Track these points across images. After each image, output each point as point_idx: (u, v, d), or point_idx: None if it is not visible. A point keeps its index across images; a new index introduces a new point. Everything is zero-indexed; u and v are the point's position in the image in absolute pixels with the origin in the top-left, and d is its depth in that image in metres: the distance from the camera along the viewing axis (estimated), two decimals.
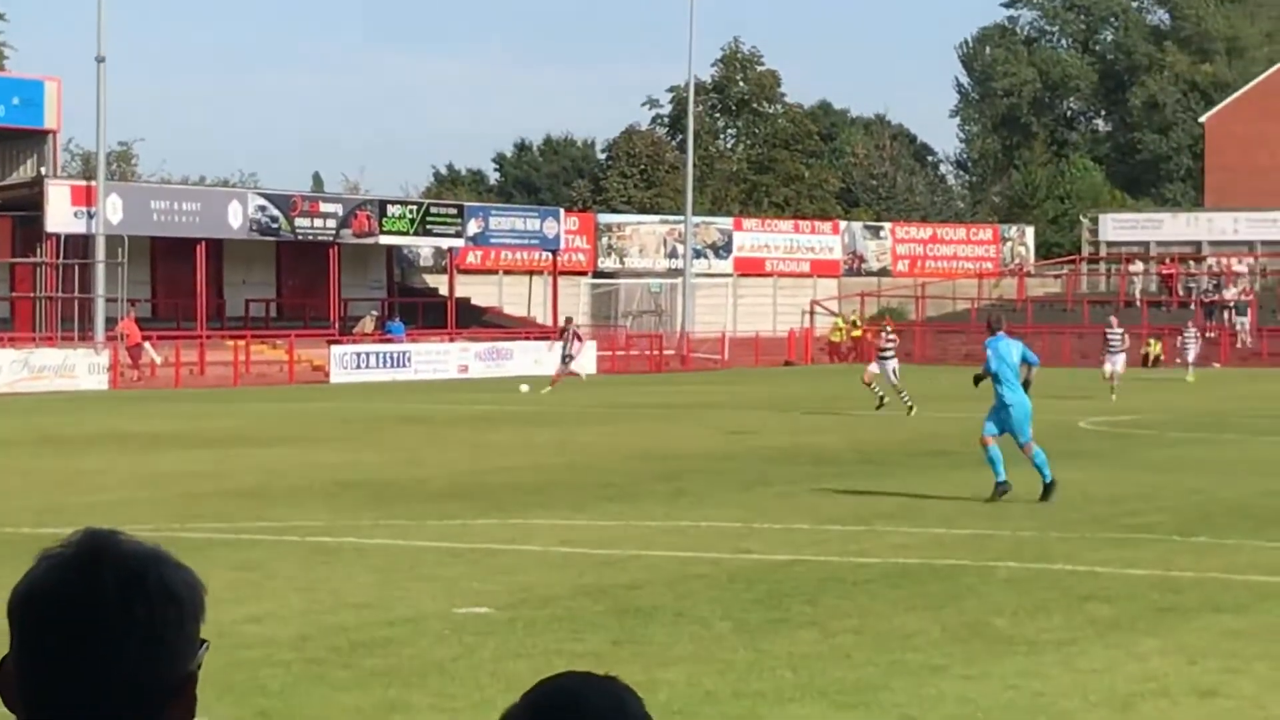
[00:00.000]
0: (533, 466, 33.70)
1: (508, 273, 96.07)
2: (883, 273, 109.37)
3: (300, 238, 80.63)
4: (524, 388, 61.70)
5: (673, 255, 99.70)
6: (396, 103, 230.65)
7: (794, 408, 52.81)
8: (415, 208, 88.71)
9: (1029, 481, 27.41)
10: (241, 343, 73.62)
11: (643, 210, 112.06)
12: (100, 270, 72.02)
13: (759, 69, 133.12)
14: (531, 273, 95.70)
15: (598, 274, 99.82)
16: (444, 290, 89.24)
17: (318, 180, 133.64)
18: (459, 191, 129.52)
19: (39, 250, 73.07)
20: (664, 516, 25.61)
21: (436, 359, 78.28)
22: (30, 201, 72.74)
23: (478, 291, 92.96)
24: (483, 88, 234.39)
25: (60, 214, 72.35)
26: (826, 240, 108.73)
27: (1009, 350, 28.28)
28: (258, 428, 44.90)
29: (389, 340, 79.70)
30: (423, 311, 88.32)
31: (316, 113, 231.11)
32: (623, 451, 36.99)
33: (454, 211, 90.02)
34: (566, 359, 63.68)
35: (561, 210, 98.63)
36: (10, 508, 25.86)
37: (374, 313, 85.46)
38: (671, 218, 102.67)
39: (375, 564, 21.17)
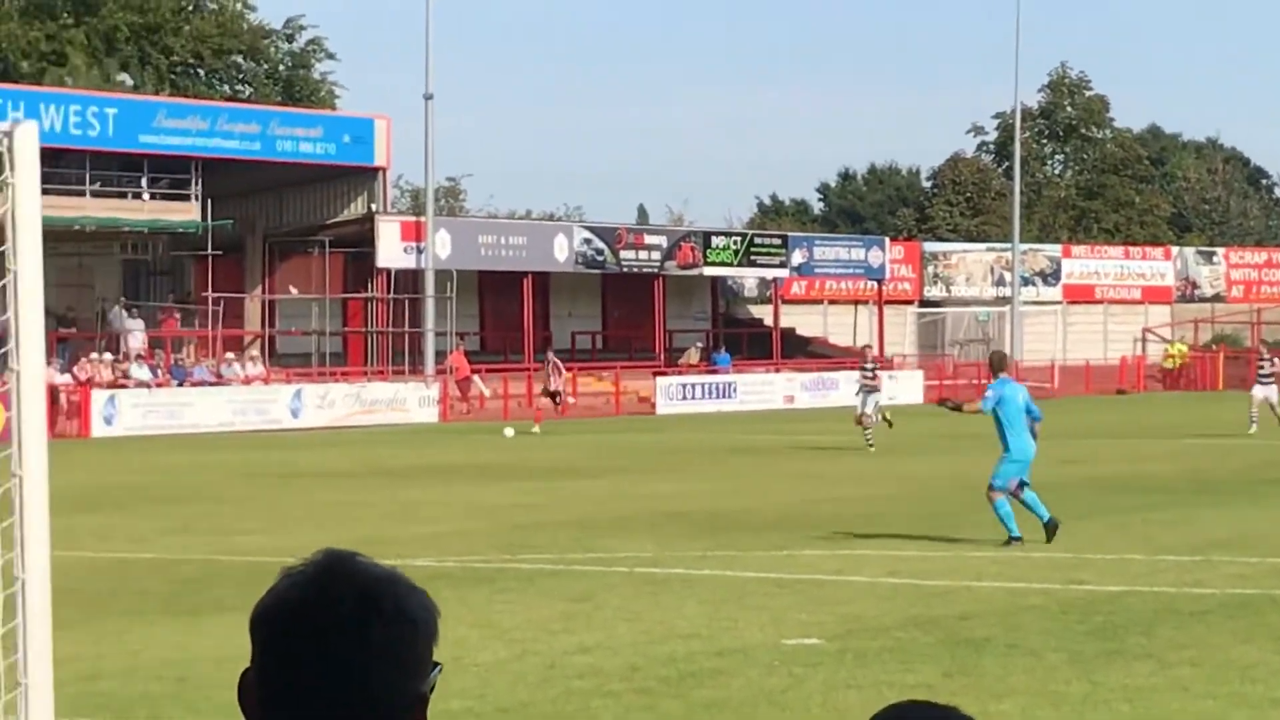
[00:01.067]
0: (861, 497, 33.54)
1: (833, 302, 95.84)
2: (1216, 299, 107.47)
3: (625, 270, 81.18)
4: (508, 432, 57.31)
5: (1000, 283, 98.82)
6: (719, 134, 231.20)
7: (1127, 434, 52.11)
8: (739, 238, 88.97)
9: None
10: (569, 375, 74.19)
11: (969, 238, 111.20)
12: (430, 305, 73.02)
13: (1087, 94, 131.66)
14: (857, 302, 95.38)
15: (924, 302, 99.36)
16: (769, 320, 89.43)
17: (642, 212, 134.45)
18: (783, 221, 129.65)
19: (370, 285, 74.30)
20: (993, 547, 25.37)
21: (762, 389, 78.38)
22: (361, 238, 73.93)
23: (803, 321, 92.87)
24: (806, 117, 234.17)
25: (390, 249, 73.49)
26: (1158, 266, 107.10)
27: (1014, 394, 26.36)
28: (585, 459, 45.24)
29: (715, 371, 79.97)
30: (747, 342, 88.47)
31: (640, 146, 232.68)
32: (952, 481, 36.68)
33: (778, 242, 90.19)
34: (552, 395, 62.28)
35: (887, 239, 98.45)
36: (340, 538, 26.25)
37: (699, 344, 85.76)
38: (999, 245, 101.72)
39: (703, 595, 21.18)
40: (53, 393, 52.92)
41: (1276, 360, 55.15)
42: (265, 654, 2.86)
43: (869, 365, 51.15)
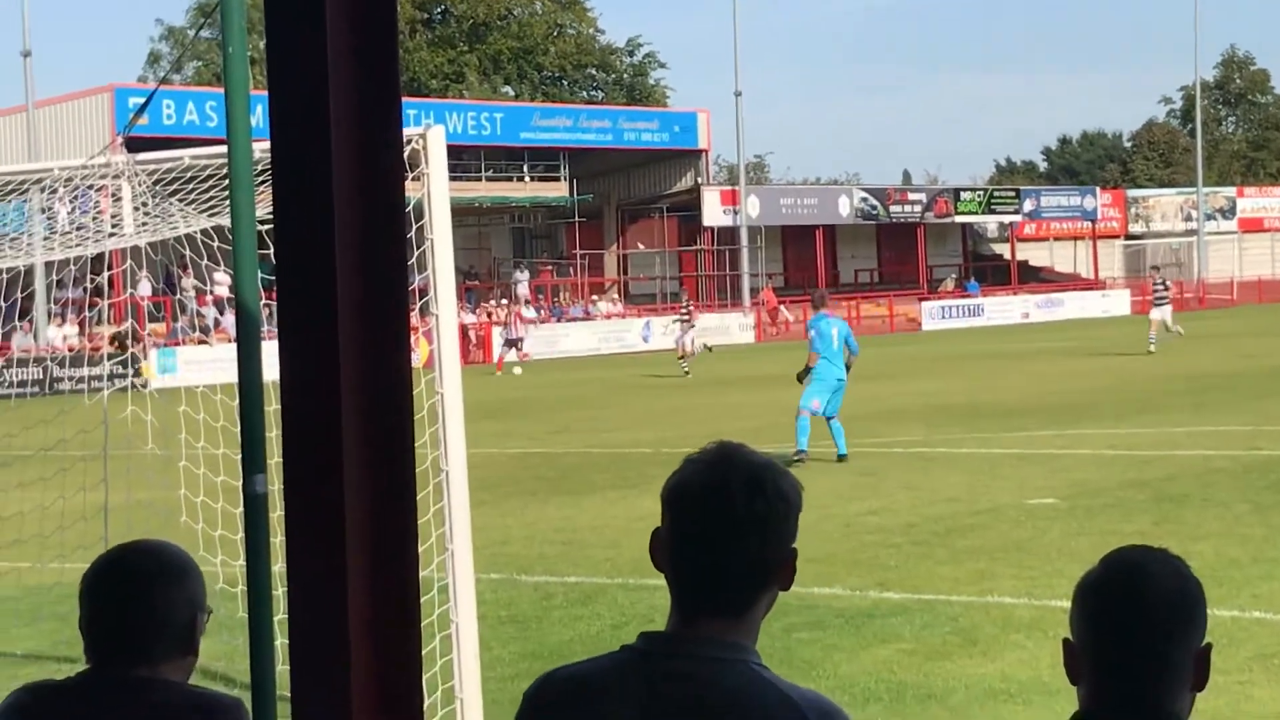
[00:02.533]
0: (1081, 389, 32.95)
1: (1056, 239, 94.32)
2: None
3: (894, 220, 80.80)
4: (517, 370, 50.68)
5: (1188, 219, 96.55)
6: (964, 110, 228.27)
7: None
8: (983, 193, 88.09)
9: None
10: (852, 303, 74.02)
11: (1162, 185, 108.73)
12: (745, 253, 73.19)
13: (1252, 68, 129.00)
14: (1075, 238, 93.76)
15: (1128, 237, 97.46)
16: (1007, 255, 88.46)
17: (905, 175, 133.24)
18: (1015, 178, 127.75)
19: (698, 240, 74.63)
20: (1189, 423, 24.81)
21: (1004, 309, 77.28)
22: (691, 204, 74.33)
23: (1033, 255, 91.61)
24: (1031, 95, 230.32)
25: (713, 212, 73.77)
26: None
27: (828, 328, 23.11)
28: (867, 367, 44.89)
29: (966, 296, 79.13)
30: (991, 273, 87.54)
31: (903, 122, 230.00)
32: (1154, 374, 35.94)
33: (1013, 194, 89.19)
34: (512, 343, 52.83)
35: (1097, 189, 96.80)
36: (683, 432, 26.39)
37: (953, 276, 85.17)
38: (1186, 189, 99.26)
39: (963, 468, 21.00)
40: (463, 330, 53.77)
41: None
42: (674, 521, 2.91)
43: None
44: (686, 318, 48.94)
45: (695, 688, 2.84)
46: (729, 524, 2.84)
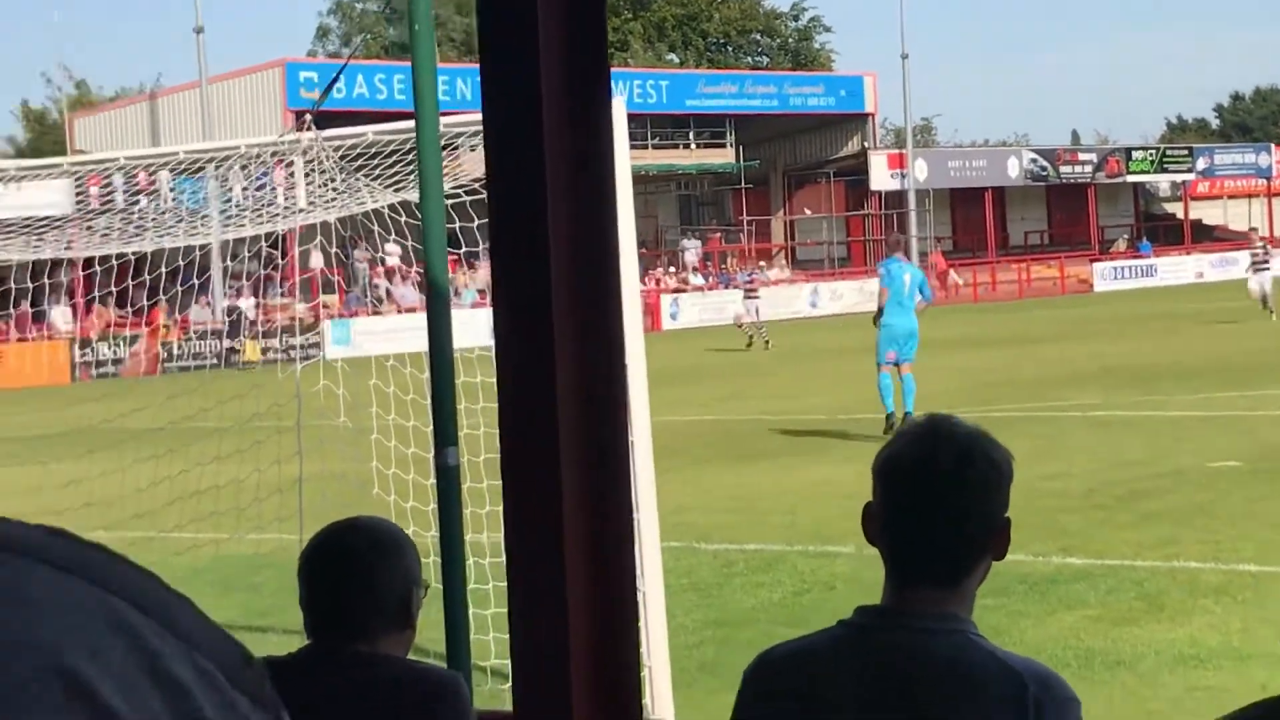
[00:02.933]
0: (1261, 349, 32.32)
1: (1230, 197, 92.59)
2: None
3: (1064, 181, 79.88)
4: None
5: None
6: (1133, 68, 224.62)
7: None
8: (1154, 152, 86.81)
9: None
10: (1022, 265, 73.33)
11: None
12: (913, 217, 72.68)
13: None
14: (1250, 196, 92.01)
15: None
16: (1179, 214, 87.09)
17: (1074, 136, 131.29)
18: (1187, 136, 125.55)
19: (865, 204, 74.29)
20: None
21: (1177, 269, 76.06)
22: (857, 168, 73.97)
23: (1207, 214, 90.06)
24: (1202, 51, 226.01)
25: (880, 176, 73.37)
26: None
27: (900, 273, 22.52)
28: (1039, 330, 44.49)
29: (1139, 256, 77.99)
30: (1163, 232, 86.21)
31: (1071, 81, 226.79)
32: None
33: (1185, 152, 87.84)
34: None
35: (1271, 145, 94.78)
36: (857, 400, 26.24)
37: (1125, 236, 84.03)
38: None
39: (1142, 430, 20.71)
40: None
41: None
42: (886, 494, 2.92)
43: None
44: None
45: (913, 659, 2.85)
46: (940, 494, 2.87)
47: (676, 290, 63.35)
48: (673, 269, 67.03)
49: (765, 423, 24.42)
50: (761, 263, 70.50)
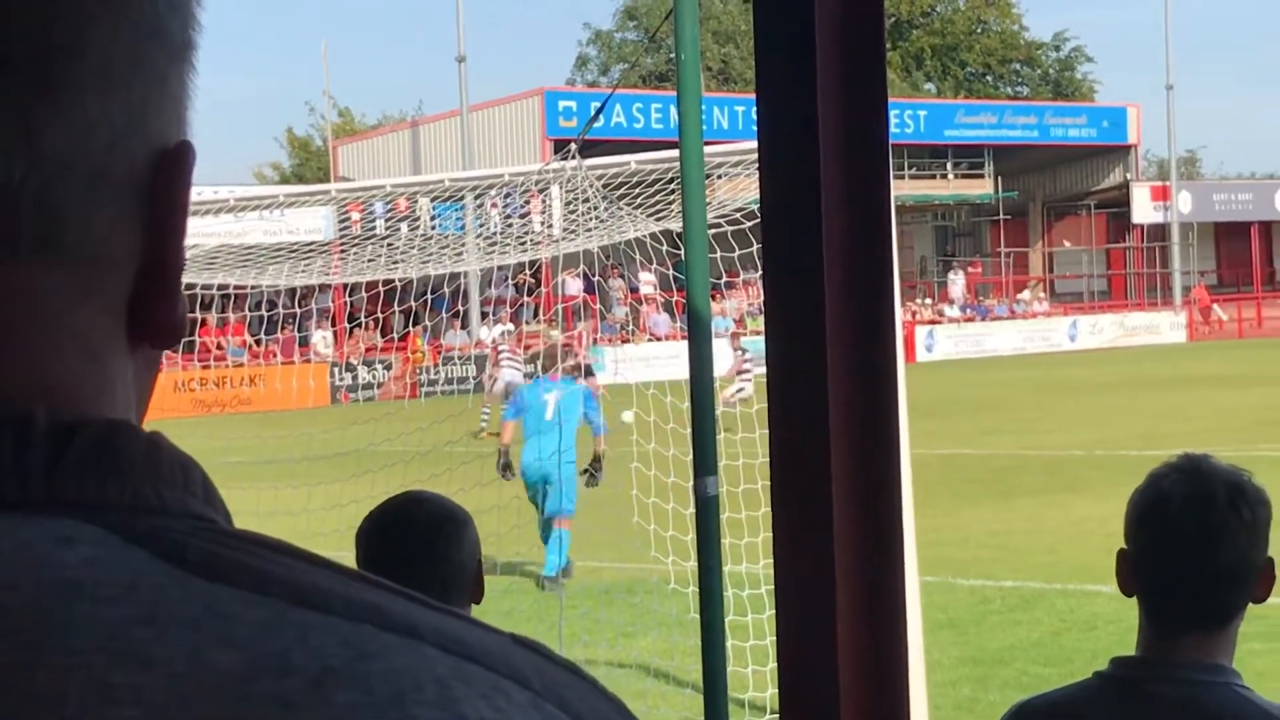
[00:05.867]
0: None
1: None
2: None
3: None
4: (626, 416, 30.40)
5: None
6: None
7: None
8: None
9: None
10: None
11: None
12: (1176, 250, 71.37)
13: None
14: None
15: None
16: None
17: None
18: None
19: (1126, 237, 73.15)
20: None
21: None
22: (1119, 200, 72.86)
23: None
24: None
25: (1142, 208, 72.15)
26: None
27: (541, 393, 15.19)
28: None
29: None
30: None
31: None
32: None
33: None
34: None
35: None
36: (1117, 434, 25.83)
37: None
38: None
39: None
40: None
41: None
42: (1152, 534, 2.84)
43: None
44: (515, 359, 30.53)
45: (1182, 713, 2.77)
46: (1212, 535, 2.79)
47: (932, 321, 62.92)
48: (928, 300, 66.58)
49: (1023, 457, 24.10)
50: (1020, 294, 69.70)
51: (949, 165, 70.14)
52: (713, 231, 8.55)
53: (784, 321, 2.40)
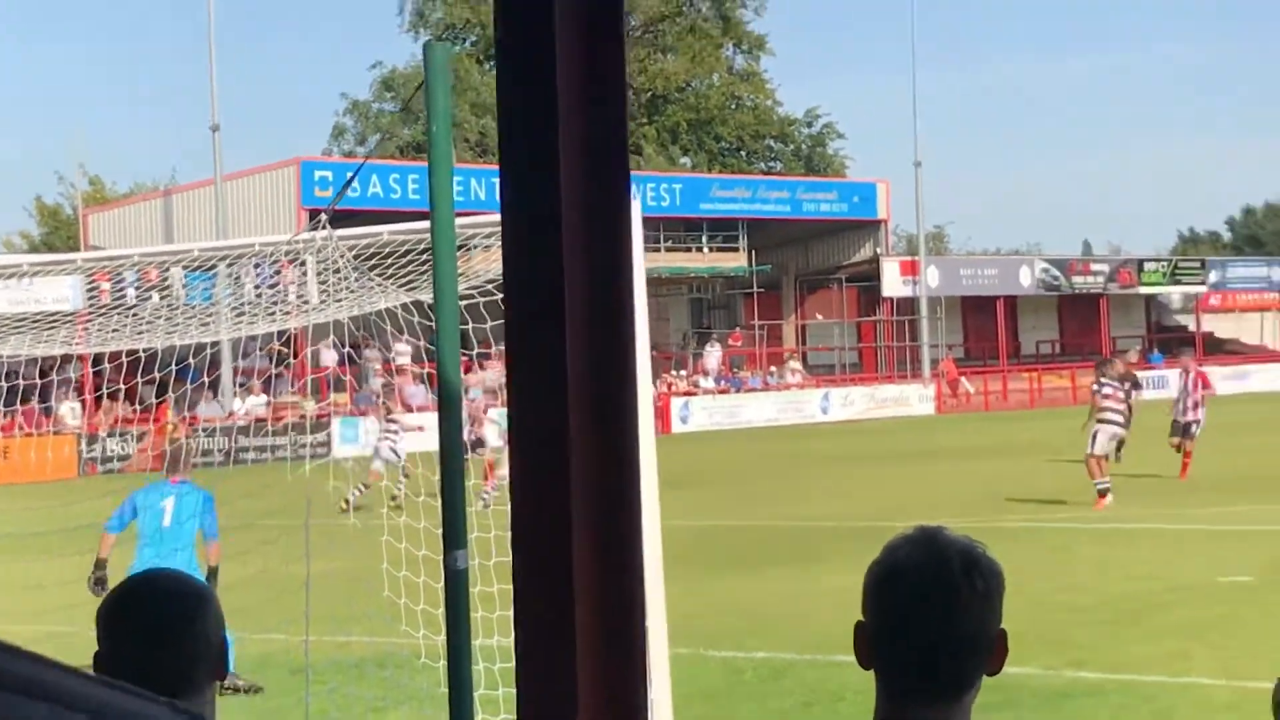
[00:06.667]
0: (1274, 464, 32.19)
1: (1242, 310, 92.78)
2: None
3: (1077, 291, 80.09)
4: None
5: None
6: (1145, 180, 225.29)
7: None
8: (1167, 263, 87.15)
9: None
10: (1034, 374, 73.41)
11: None
12: (924, 324, 72.77)
13: None
14: (1262, 309, 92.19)
15: None
16: (1192, 327, 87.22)
17: (1086, 246, 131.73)
18: (1200, 248, 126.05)
19: (877, 310, 74.41)
20: None
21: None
22: (870, 274, 74.13)
23: (1219, 327, 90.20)
24: (1213, 165, 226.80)
25: (892, 282, 73.49)
26: None
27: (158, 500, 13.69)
28: (1052, 439, 44.37)
29: (1150, 367, 78.07)
30: (1175, 345, 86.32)
31: (1083, 191, 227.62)
32: None
33: (1198, 265, 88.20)
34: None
35: None
36: (868, 507, 26.24)
37: (1137, 347, 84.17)
38: None
39: (1153, 543, 20.63)
40: None
41: None
42: (888, 604, 2.84)
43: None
44: (392, 427, 31.24)
45: None
46: (947, 603, 2.80)
47: (687, 393, 63.38)
48: (684, 372, 67.08)
49: (775, 528, 24.35)
50: (773, 367, 70.57)
51: (704, 238, 70.87)
52: (467, 303, 8.52)
53: (526, 394, 2.39)
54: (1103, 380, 26.94)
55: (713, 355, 68.25)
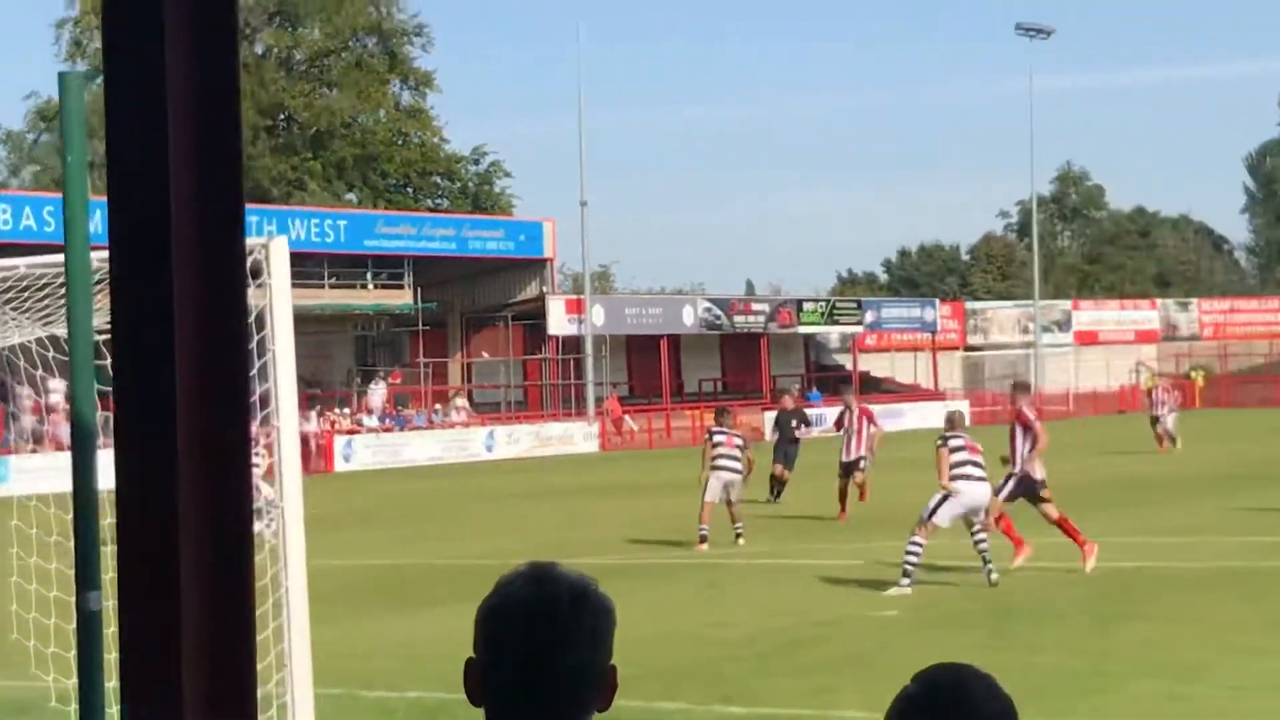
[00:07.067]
0: (920, 502, 33.00)
1: (897, 350, 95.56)
2: (1193, 338, 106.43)
3: (738, 330, 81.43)
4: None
5: (1025, 331, 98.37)
6: (806, 224, 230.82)
7: (1124, 444, 51.46)
8: (825, 303, 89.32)
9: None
10: (697, 412, 74.42)
11: (1000, 298, 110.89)
12: (589, 362, 73.28)
13: (1087, 184, 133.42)
14: (916, 349, 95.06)
15: (968, 348, 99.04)
16: (849, 365, 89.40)
17: (749, 286, 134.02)
18: (857, 289, 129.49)
19: (543, 349, 74.67)
20: (1027, 535, 24.95)
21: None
22: (536, 312, 74.34)
23: (875, 365, 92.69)
24: (872, 209, 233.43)
25: (558, 321, 73.82)
26: (1146, 314, 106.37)
27: None
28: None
29: (808, 405, 79.78)
30: (833, 383, 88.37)
31: (746, 235, 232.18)
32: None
33: (854, 305, 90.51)
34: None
35: (937, 300, 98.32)
36: (529, 544, 26.30)
37: (796, 385, 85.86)
38: (1023, 302, 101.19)
39: (806, 579, 21.06)
40: (305, 439, 53.31)
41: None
42: (493, 645, 2.81)
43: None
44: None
45: None
46: (554, 638, 2.79)
47: (351, 431, 62.81)
48: (347, 410, 66.45)
49: (434, 567, 24.26)
50: (438, 405, 70.32)
51: (369, 275, 70.42)
52: (106, 338, 8.32)
53: (132, 435, 2.33)
54: (714, 429, 27.32)
55: (377, 393, 67.75)
